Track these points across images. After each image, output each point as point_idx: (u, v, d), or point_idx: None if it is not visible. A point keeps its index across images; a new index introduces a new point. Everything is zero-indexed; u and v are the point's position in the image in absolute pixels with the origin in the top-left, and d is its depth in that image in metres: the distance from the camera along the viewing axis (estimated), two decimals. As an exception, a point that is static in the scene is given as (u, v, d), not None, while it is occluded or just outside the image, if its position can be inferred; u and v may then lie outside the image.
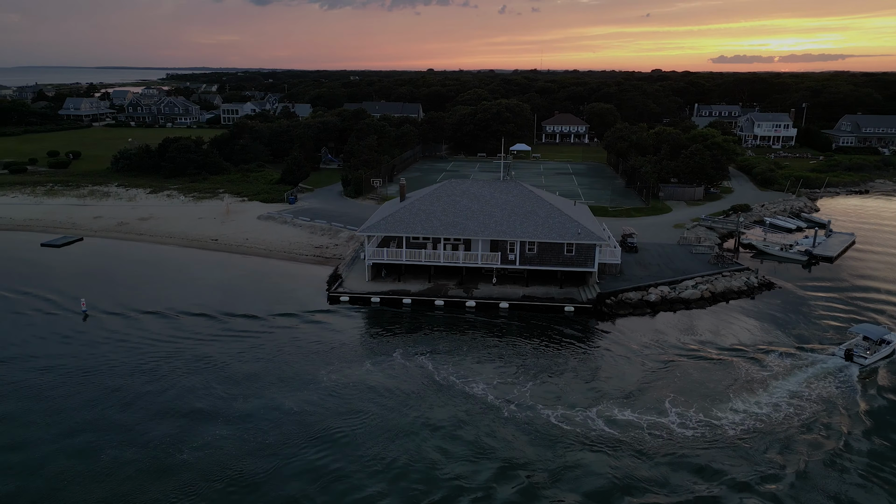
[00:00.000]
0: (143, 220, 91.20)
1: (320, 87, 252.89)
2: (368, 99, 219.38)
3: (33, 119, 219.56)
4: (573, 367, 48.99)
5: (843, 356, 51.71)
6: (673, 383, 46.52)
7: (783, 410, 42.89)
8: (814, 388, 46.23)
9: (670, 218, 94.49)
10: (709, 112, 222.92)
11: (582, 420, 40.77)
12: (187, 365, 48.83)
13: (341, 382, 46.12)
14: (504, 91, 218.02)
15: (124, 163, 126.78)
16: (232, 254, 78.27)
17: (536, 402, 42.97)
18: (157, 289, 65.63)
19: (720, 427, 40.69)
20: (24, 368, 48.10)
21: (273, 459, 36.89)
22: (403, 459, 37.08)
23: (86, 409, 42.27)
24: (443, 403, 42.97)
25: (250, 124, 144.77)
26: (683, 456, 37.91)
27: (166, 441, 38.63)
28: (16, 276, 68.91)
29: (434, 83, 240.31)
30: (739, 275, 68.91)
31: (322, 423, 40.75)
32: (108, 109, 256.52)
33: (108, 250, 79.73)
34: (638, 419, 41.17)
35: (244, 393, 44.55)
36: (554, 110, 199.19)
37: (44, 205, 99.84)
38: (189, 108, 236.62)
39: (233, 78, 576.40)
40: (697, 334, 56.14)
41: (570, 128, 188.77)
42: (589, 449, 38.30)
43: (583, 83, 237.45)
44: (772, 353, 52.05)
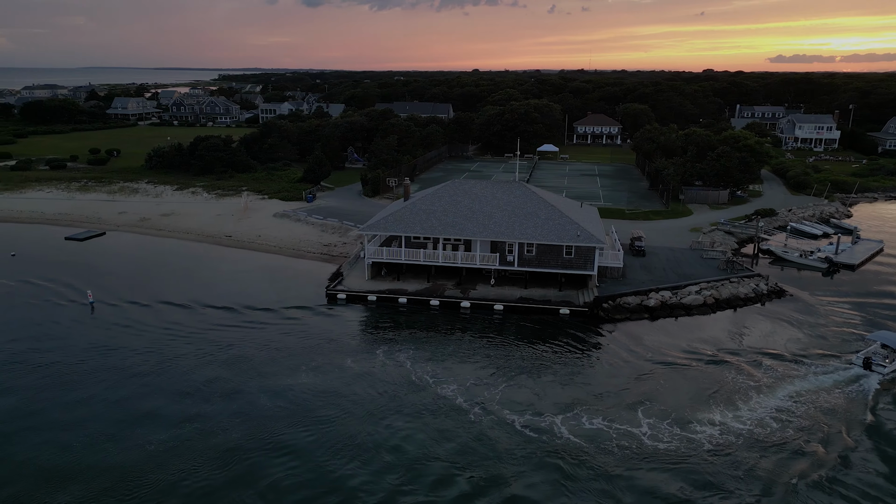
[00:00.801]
0: (165, 215, 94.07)
1: (355, 88, 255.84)
2: (401, 99, 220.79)
3: (83, 118, 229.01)
4: (554, 371, 48.32)
5: (862, 365, 49.68)
6: (655, 392, 45.31)
7: (772, 424, 41.04)
8: (824, 399, 44.51)
9: (689, 222, 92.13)
10: (751, 113, 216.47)
11: (547, 427, 39.96)
12: (171, 357, 50.16)
13: (316, 380, 46.47)
14: (537, 91, 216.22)
15: (157, 160, 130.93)
16: (243, 250, 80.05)
17: (505, 407, 42.45)
18: (164, 282, 67.65)
19: (695, 440, 39.17)
20: (23, 352, 50.17)
21: (218, 460, 36.93)
22: (351, 464, 36.56)
23: (66, 392, 43.85)
24: (410, 404, 42.88)
25: (279, 124, 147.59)
26: (646, 471, 36.34)
27: (137, 427, 39.77)
28: (37, 267, 71.96)
29: (468, 83, 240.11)
30: (748, 281, 66.71)
31: (284, 422, 40.70)
32: (154, 109, 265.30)
33: (126, 244, 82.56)
34: (607, 428, 40.09)
35: (217, 388, 45.30)
36: (587, 111, 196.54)
37: (75, 200, 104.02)
38: (230, 108, 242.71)
39: (281, 78, 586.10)
40: (694, 341, 54.60)
41: (603, 128, 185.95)
42: (546, 457, 37.29)
43: (618, 83, 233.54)
44: (772, 363, 50.21)
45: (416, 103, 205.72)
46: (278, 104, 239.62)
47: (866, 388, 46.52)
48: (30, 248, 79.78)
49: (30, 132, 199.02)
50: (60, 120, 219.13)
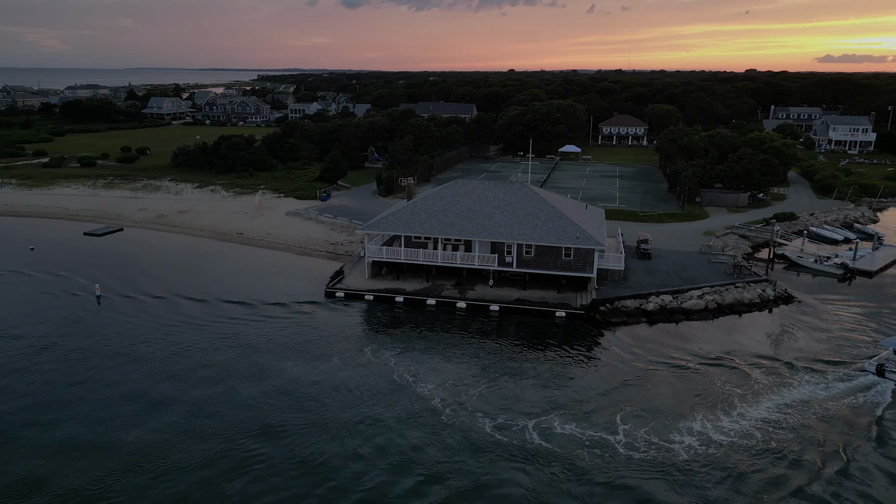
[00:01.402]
0: (182, 212, 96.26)
1: (383, 88, 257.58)
2: (427, 99, 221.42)
3: (120, 117, 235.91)
4: (538, 374, 47.87)
5: (875, 371, 48.15)
6: (639, 397, 44.44)
7: (756, 435, 39.74)
8: (830, 407, 43.26)
9: (703, 225, 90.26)
10: (786, 114, 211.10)
11: (517, 430, 39.47)
12: (161, 348, 51.35)
13: (300, 376, 46.92)
14: (564, 91, 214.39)
15: (182, 159, 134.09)
16: (252, 247, 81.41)
17: (480, 408, 42.15)
18: (172, 276, 69.29)
19: (672, 451, 37.97)
20: (26, 342, 51.97)
21: (197, 452, 37.48)
22: (313, 461, 36.56)
23: (60, 376, 45.24)
24: (386, 403, 42.86)
25: (301, 123, 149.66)
26: (611, 481, 35.10)
27: (120, 417, 40.83)
28: (53, 260, 74.39)
29: (494, 83, 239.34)
30: (755, 286, 65.01)
31: (261, 418, 41.03)
32: (189, 109, 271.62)
33: (142, 240, 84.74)
34: (580, 434, 39.33)
35: (197, 381, 46.15)
36: (613, 111, 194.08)
37: (99, 196, 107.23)
38: (260, 108, 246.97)
39: (318, 79, 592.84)
40: (690, 347, 53.45)
41: (628, 129, 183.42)
42: (509, 462, 36.54)
43: (647, 84, 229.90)
44: (771, 369, 48.81)
45: (440, 103, 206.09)
46: (307, 104, 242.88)
47: (880, 396, 45.01)
48: (49, 243, 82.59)
49: (67, 130, 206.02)
50: (98, 119, 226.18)
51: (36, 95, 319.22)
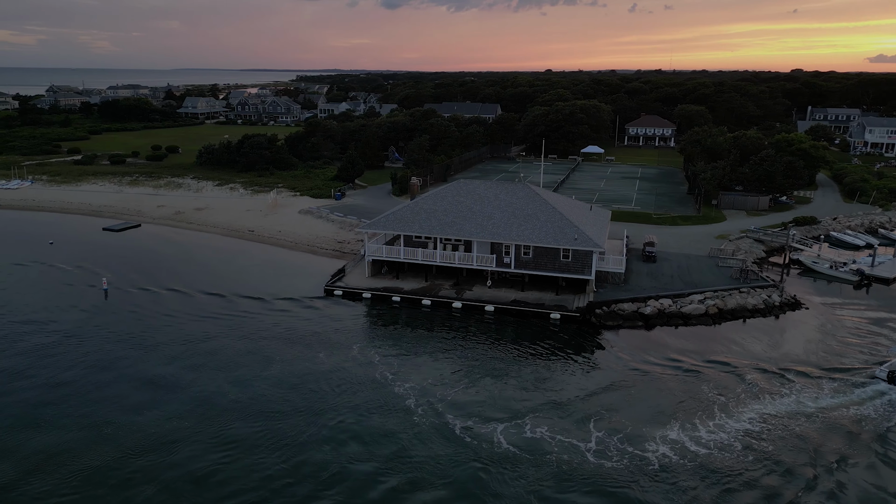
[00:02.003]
0: (199, 210, 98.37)
1: (409, 88, 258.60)
2: (454, 99, 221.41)
3: (156, 116, 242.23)
4: (520, 375, 47.48)
5: (887, 379, 46.63)
6: (620, 403, 43.58)
7: (738, 446, 38.63)
8: (832, 416, 42.02)
9: (718, 228, 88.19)
10: (823, 115, 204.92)
11: (486, 433, 39.07)
12: (155, 339, 52.65)
13: (283, 372, 47.49)
14: (592, 92, 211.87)
15: (207, 157, 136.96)
16: (261, 244, 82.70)
17: (453, 409, 41.97)
18: (179, 270, 71.06)
19: (644, 459, 37.04)
20: (29, 328, 53.84)
21: (151, 447, 37.98)
22: (277, 460, 36.70)
23: (60, 370, 46.71)
24: (361, 401, 43.04)
25: (324, 123, 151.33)
26: (572, 489, 34.30)
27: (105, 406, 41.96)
28: (70, 254, 76.85)
29: (522, 84, 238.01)
30: (760, 292, 63.30)
31: (233, 414, 41.59)
32: (223, 108, 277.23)
33: (157, 236, 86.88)
34: (549, 439, 38.70)
35: (181, 369, 47.20)
36: (641, 112, 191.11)
37: (122, 193, 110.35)
38: (291, 108, 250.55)
39: (355, 79, 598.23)
40: (684, 352, 52.29)
41: (656, 130, 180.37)
42: (471, 465, 36.12)
43: (678, 84, 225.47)
44: (764, 376, 47.51)
45: (465, 104, 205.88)
46: (337, 104, 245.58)
47: (892, 406, 43.52)
48: (69, 237, 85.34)
49: (104, 129, 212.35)
50: (134, 118, 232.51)
51: (79, 95, 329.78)
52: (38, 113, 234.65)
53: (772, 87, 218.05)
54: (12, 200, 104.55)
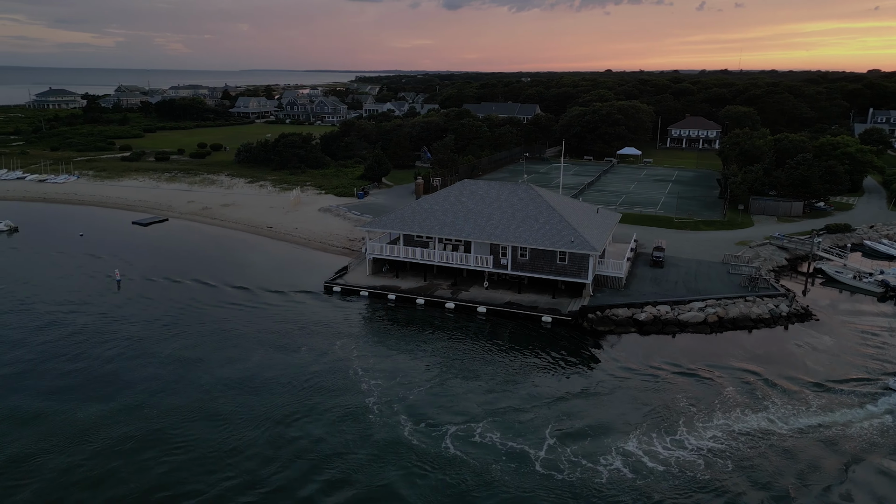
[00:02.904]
0: (225, 206, 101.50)
1: (451, 89, 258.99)
2: (494, 100, 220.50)
3: (210, 115, 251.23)
4: (490, 377, 46.96)
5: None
6: (586, 410, 42.37)
7: (701, 463, 37.10)
8: (823, 433, 40.09)
9: (742, 234, 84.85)
10: (885, 118, 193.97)
11: (437, 436, 38.70)
12: (153, 328, 54.62)
13: (261, 363, 48.65)
14: (636, 92, 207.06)
15: (245, 155, 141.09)
16: (277, 240, 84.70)
17: (411, 409, 41.86)
18: (193, 263, 73.76)
19: (594, 472, 35.66)
20: (40, 314, 56.88)
21: (98, 441, 38.63)
22: (223, 457, 36.91)
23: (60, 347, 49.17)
24: (322, 398, 43.39)
25: (358, 123, 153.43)
26: (508, 498, 33.41)
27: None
28: (97, 246, 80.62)
29: (566, 84, 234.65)
30: (767, 301, 60.60)
31: (196, 402, 42.79)
32: (274, 108, 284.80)
33: (181, 230, 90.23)
34: (500, 446, 37.89)
35: (168, 357, 48.84)
36: (686, 113, 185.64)
37: (158, 189, 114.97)
38: (338, 108, 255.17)
39: (412, 80, 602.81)
40: (671, 360, 50.58)
41: (699, 132, 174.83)
42: (408, 467, 35.72)
43: (727, 84, 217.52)
44: (746, 387, 45.55)
45: (507, 104, 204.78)
46: (381, 104, 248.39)
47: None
48: (100, 229, 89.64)
49: (159, 127, 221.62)
50: (188, 117, 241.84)
51: (144, 95, 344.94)
52: (101, 111, 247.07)
53: (830, 88, 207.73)
54: (56, 194, 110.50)
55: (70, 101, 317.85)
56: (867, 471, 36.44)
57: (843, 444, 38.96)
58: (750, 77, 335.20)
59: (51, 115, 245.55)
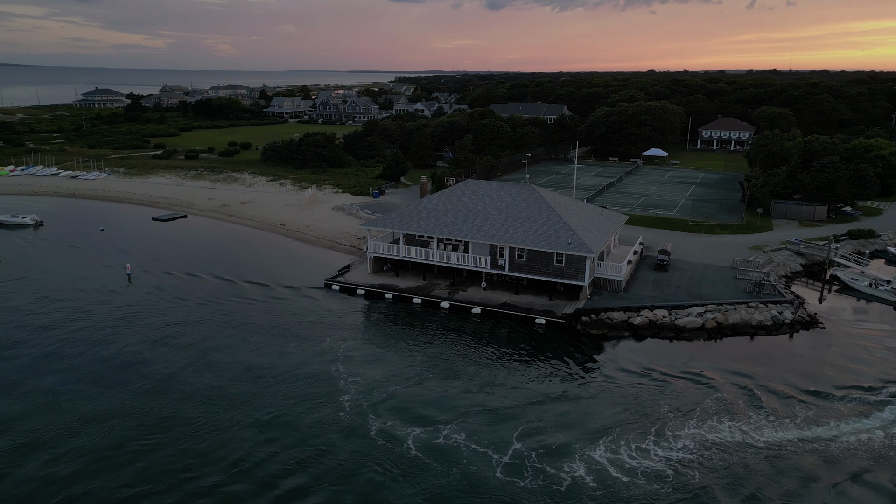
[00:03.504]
0: (243, 203, 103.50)
1: (479, 89, 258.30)
2: (523, 100, 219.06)
3: (245, 114, 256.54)
4: (470, 378, 46.68)
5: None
6: (561, 415, 41.52)
7: (669, 473, 36.02)
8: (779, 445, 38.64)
9: (757, 238, 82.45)
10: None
11: (400, 435, 38.55)
12: (152, 318, 56.06)
13: (248, 359, 49.35)
14: (668, 92, 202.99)
15: (270, 153, 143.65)
16: (287, 238, 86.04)
17: (382, 408, 41.89)
18: (202, 257, 75.94)
19: (555, 479, 34.81)
20: (53, 303, 59.05)
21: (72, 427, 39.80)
22: (174, 443, 37.71)
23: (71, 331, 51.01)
24: (298, 393, 43.83)
25: (381, 123, 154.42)
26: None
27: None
28: (116, 240, 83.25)
29: (597, 84, 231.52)
30: (772, 307, 58.75)
31: (173, 395, 43.58)
32: (308, 108, 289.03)
33: (198, 226, 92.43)
34: (464, 448, 37.44)
35: (161, 349, 50.03)
36: (718, 114, 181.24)
37: (183, 186, 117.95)
38: (369, 108, 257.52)
39: (451, 80, 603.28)
40: (661, 365, 49.47)
41: (731, 133, 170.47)
42: (367, 468, 35.50)
43: (764, 84, 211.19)
44: (731, 396, 44.27)
45: (536, 104, 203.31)
46: (412, 104, 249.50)
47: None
48: (121, 224, 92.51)
49: (195, 126, 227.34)
50: (224, 116, 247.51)
51: (187, 95, 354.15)
52: (141, 111, 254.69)
53: (873, 89, 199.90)
54: (86, 190, 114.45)
55: (115, 101, 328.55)
56: (842, 490, 34.98)
57: (821, 458, 37.47)
58: (799, 77, 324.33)
59: (93, 114, 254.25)
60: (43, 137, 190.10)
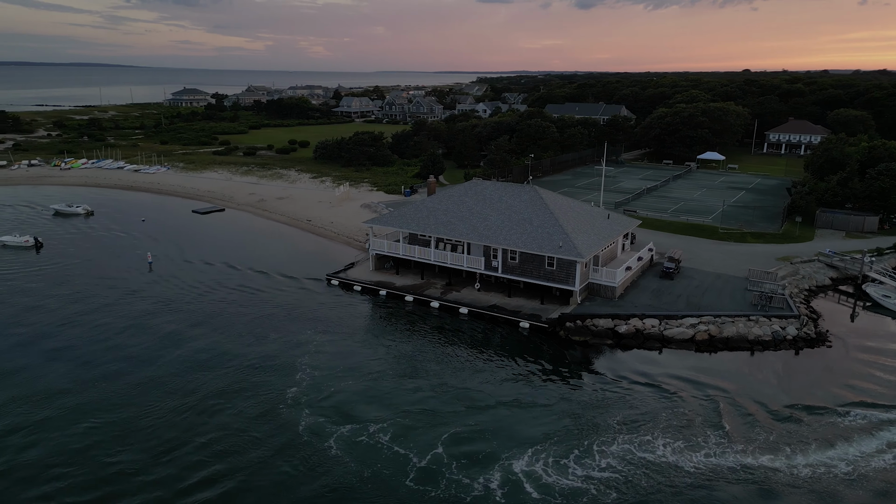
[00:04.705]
0: (279, 199, 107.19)
1: (542, 90, 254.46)
2: (584, 100, 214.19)
3: (315, 114, 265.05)
4: (433, 375, 46.53)
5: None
6: (505, 420, 40.71)
7: (590, 489, 34.76)
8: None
9: (793, 249, 77.34)
10: None
11: (327, 432, 38.36)
12: (153, 302, 59.28)
13: (220, 343, 51.51)
14: (740, 93, 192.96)
15: (321, 152, 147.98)
16: (310, 233, 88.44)
17: (322, 403, 42.18)
18: (225, 248, 79.80)
19: (468, 488, 33.76)
20: (84, 286, 63.72)
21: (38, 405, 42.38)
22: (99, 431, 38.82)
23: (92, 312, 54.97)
24: (251, 382, 45.05)
25: (429, 123, 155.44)
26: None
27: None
28: (153, 229, 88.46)
29: (664, 84, 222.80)
30: (775, 321, 55.10)
31: (138, 378, 45.59)
32: (375, 108, 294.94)
33: (232, 220, 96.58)
34: (385, 449, 37.06)
35: (149, 332, 52.84)
36: (790, 116, 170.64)
37: (231, 181, 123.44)
38: (434, 108, 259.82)
39: (531, 81, 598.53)
40: (641, 375, 47.50)
41: (802, 137, 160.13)
42: (281, 465, 35.52)
43: (846, 84, 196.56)
44: (687, 411, 42.02)
45: (592, 104, 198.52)
46: (475, 105, 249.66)
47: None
48: (162, 215, 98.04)
49: (264, 125, 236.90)
50: (294, 115, 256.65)
51: (266, 95, 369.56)
52: (219, 109, 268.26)
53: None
54: (143, 183, 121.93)
55: (200, 100, 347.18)
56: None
57: (755, 491, 34.64)
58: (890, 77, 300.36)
59: (174, 112, 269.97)
60: (124, 133, 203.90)
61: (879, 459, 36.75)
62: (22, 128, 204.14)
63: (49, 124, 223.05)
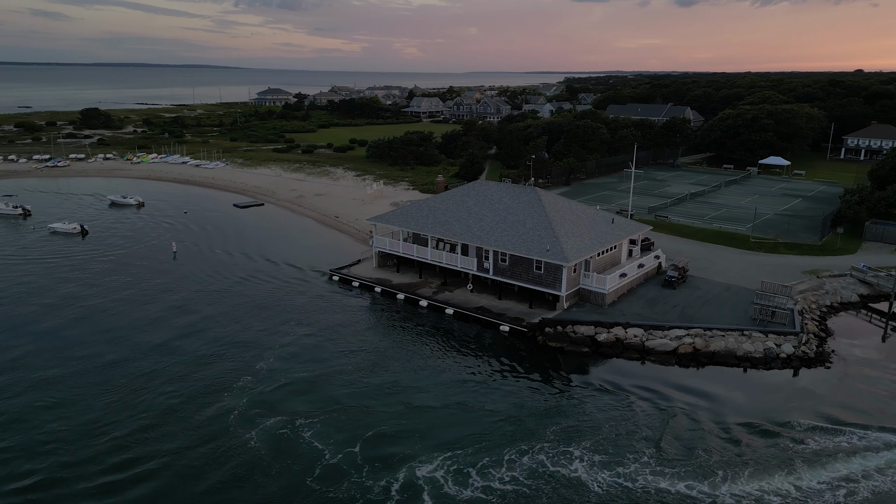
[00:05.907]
0: (317, 195, 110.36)
1: (609, 91, 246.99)
2: (651, 101, 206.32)
3: (386, 114, 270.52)
4: (390, 373, 46.66)
5: None
6: (445, 423, 40.17)
7: (492, 500, 33.89)
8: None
9: (826, 261, 71.76)
10: None
11: (253, 425, 39.30)
12: (172, 287, 62.78)
13: (214, 330, 53.68)
14: (823, 94, 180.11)
15: (373, 150, 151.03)
16: (333, 229, 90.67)
17: (265, 397, 42.89)
18: (251, 240, 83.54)
19: (366, 488, 33.59)
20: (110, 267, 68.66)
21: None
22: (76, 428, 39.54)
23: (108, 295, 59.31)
24: (209, 372, 46.62)
25: (480, 123, 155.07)
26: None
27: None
28: (193, 221, 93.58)
29: (739, 84, 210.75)
30: (771, 338, 51.39)
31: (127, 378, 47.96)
32: (444, 108, 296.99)
33: (267, 214, 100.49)
34: (304, 444, 37.20)
35: (151, 316, 55.97)
36: (872, 120, 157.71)
37: (280, 177, 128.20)
38: (500, 108, 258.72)
39: (619, 82, 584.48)
40: (610, 385, 45.78)
41: (884, 142, 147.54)
42: (199, 455, 36.09)
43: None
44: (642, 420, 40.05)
45: (659, 105, 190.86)
46: (542, 105, 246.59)
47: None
48: (204, 208, 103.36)
49: (333, 124, 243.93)
50: (364, 115, 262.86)
51: (344, 94, 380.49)
52: (295, 109, 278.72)
53: None
54: (199, 177, 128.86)
55: (282, 99, 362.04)
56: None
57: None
58: None
59: (251, 110, 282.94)
60: (203, 131, 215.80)
61: (817, 499, 33.37)
62: (112, 124, 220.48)
63: (139, 121, 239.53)
